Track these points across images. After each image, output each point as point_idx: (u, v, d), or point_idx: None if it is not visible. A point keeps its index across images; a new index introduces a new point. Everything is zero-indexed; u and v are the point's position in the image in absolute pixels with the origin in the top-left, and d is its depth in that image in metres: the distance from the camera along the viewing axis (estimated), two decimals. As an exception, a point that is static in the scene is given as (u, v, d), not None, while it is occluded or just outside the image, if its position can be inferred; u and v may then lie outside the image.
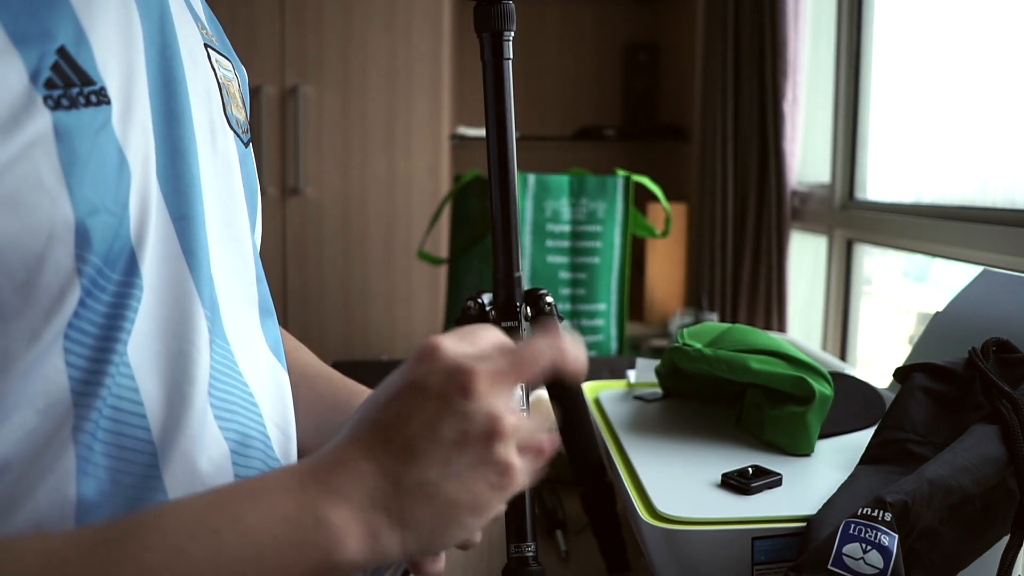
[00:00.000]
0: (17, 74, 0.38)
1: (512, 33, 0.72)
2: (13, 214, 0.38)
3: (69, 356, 0.41)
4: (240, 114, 0.58)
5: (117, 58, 0.44)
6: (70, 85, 0.40)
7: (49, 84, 0.39)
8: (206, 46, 0.55)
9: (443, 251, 2.40)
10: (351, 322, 2.60)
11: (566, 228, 1.59)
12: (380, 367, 1.41)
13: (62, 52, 0.40)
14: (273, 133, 2.51)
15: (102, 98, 0.42)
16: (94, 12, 0.43)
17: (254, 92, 2.48)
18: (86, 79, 0.41)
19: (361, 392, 0.70)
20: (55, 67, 0.40)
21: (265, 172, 2.50)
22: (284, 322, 1.23)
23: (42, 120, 0.39)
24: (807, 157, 2.04)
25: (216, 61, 0.55)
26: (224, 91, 0.55)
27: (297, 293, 2.58)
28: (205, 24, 0.57)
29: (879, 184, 1.77)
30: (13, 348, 0.39)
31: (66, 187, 0.39)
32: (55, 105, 0.39)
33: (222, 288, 0.51)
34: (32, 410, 0.40)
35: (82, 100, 0.41)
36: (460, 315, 0.84)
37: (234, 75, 0.59)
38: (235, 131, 0.56)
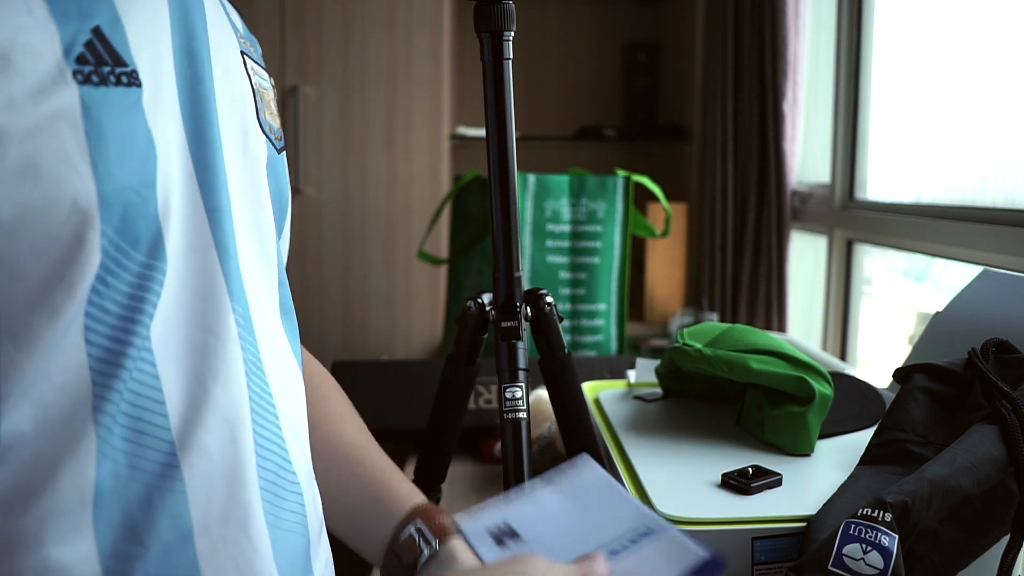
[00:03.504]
0: (52, 46, 0.40)
1: (512, 33, 0.72)
2: (34, 182, 0.39)
3: (89, 333, 0.42)
4: (275, 122, 0.59)
5: (148, 48, 0.45)
6: (101, 63, 0.41)
7: (81, 59, 0.41)
8: (243, 54, 0.55)
9: (443, 251, 2.40)
10: (351, 322, 2.60)
11: (566, 228, 1.59)
12: (380, 367, 1.40)
13: (97, 32, 0.42)
14: (273, 133, 2.51)
15: (133, 80, 0.43)
16: (129, 0, 0.44)
17: (254, 92, 2.48)
18: (118, 60, 0.42)
19: (399, 482, 0.68)
20: (88, 44, 0.41)
21: (265, 172, 2.49)
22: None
23: (69, 93, 0.40)
24: (807, 157, 2.04)
25: (252, 69, 0.56)
26: (259, 97, 0.56)
27: (297, 293, 2.56)
28: (243, 34, 0.58)
29: (879, 184, 1.77)
30: (34, 321, 0.40)
31: (90, 161, 0.40)
32: (84, 80, 0.40)
33: (250, 286, 0.52)
34: (48, 384, 0.41)
35: (112, 79, 0.42)
36: (460, 315, 0.84)
37: (271, 85, 0.60)
38: (268, 136, 0.57)
